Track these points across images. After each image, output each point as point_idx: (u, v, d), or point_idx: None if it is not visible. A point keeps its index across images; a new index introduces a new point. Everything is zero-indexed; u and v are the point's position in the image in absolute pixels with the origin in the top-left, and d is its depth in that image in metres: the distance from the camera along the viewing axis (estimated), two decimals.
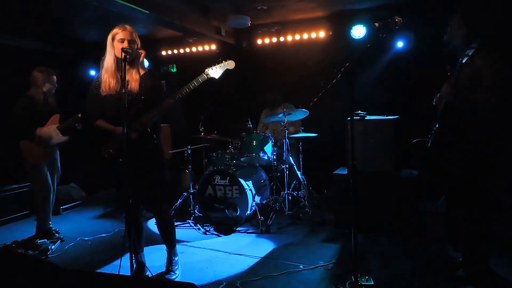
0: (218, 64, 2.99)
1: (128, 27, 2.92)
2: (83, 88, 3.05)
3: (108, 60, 2.93)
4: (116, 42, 2.87)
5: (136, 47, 2.92)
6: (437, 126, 2.98)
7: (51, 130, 4.09)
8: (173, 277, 3.25)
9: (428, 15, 4.95)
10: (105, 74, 2.93)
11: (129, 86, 2.86)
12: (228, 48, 6.35)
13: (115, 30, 2.90)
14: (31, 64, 4.22)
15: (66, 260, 3.73)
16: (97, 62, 3.02)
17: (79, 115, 3.99)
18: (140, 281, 2.29)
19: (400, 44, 5.19)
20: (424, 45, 5.05)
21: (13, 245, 4.02)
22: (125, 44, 2.82)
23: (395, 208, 4.01)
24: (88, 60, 6.71)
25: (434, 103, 3.12)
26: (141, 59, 2.99)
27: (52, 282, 1.79)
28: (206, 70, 2.98)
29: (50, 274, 1.83)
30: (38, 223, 4.24)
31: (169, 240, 3.32)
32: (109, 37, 2.91)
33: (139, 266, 3.19)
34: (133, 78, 2.91)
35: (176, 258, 3.36)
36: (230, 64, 3.03)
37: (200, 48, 6.52)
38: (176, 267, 3.32)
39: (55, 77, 4.20)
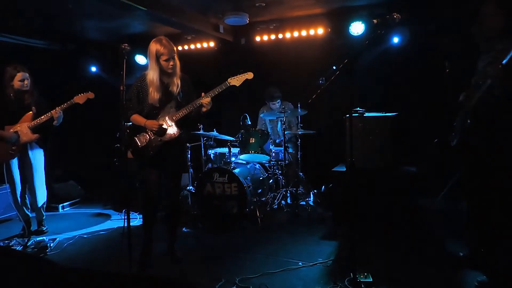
0: (239, 74, 3.38)
1: (167, 42, 3.17)
2: (82, 85, 3.06)
3: (154, 76, 3.16)
4: (162, 61, 3.13)
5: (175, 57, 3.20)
6: (469, 122, 2.92)
7: (22, 128, 4.02)
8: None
9: (426, 11, 4.95)
10: (151, 86, 3.18)
11: (170, 88, 3.23)
12: (226, 46, 6.33)
13: (159, 49, 3.13)
14: (30, 61, 4.17)
15: (65, 258, 3.72)
16: (96, 59, 3.04)
17: (53, 112, 3.97)
18: (140, 278, 2.29)
19: (396, 40, 5.17)
20: (423, 42, 5.04)
21: (12, 242, 4.02)
22: (171, 63, 3.14)
23: (394, 205, 4.01)
24: (87, 57, 6.66)
25: (461, 99, 3.05)
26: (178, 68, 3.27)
27: (51, 280, 1.79)
28: (229, 79, 3.35)
29: (48, 272, 1.83)
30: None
31: (176, 233, 3.55)
32: (153, 53, 3.13)
33: (144, 262, 3.31)
34: (175, 83, 3.24)
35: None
36: (249, 75, 3.41)
37: (198, 45, 6.49)
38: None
39: (21, 74, 4.00)
